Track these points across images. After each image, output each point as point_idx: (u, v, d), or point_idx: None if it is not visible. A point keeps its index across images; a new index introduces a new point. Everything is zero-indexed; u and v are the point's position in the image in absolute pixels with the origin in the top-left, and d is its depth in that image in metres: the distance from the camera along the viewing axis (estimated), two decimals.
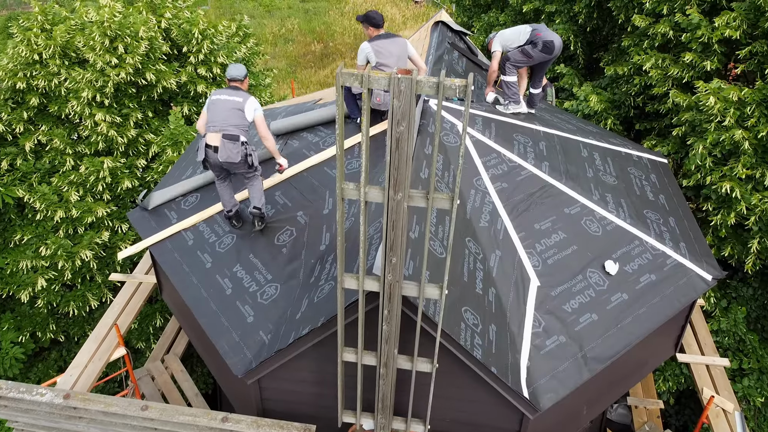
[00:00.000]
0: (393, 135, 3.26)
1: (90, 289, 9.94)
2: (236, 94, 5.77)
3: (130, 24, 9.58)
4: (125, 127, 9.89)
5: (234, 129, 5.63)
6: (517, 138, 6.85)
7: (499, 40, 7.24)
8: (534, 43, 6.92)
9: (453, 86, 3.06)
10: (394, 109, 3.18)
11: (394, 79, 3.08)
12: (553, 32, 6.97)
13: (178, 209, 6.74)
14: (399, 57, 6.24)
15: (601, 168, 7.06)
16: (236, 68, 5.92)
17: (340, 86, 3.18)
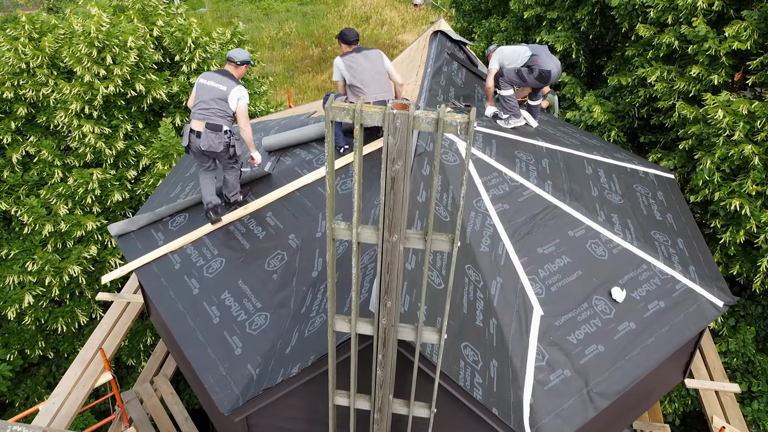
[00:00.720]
0: (388, 174, 2.99)
1: (79, 304, 9.66)
2: (224, 81, 5.74)
3: (118, 33, 9.29)
4: (114, 138, 9.60)
5: (217, 119, 5.69)
6: (519, 155, 6.57)
7: (497, 56, 6.97)
8: (530, 68, 6.67)
9: (454, 123, 2.79)
10: (389, 147, 2.90)
11: (389, 114, 2.80)
12: (552, 59, 6.71)
13: (165, 230, 6.46)
14: (374, 71, 5.98)
15: (606, 186, 6.78)
16: (237, 51, 5.98)
17: (330, 122, 2.90)
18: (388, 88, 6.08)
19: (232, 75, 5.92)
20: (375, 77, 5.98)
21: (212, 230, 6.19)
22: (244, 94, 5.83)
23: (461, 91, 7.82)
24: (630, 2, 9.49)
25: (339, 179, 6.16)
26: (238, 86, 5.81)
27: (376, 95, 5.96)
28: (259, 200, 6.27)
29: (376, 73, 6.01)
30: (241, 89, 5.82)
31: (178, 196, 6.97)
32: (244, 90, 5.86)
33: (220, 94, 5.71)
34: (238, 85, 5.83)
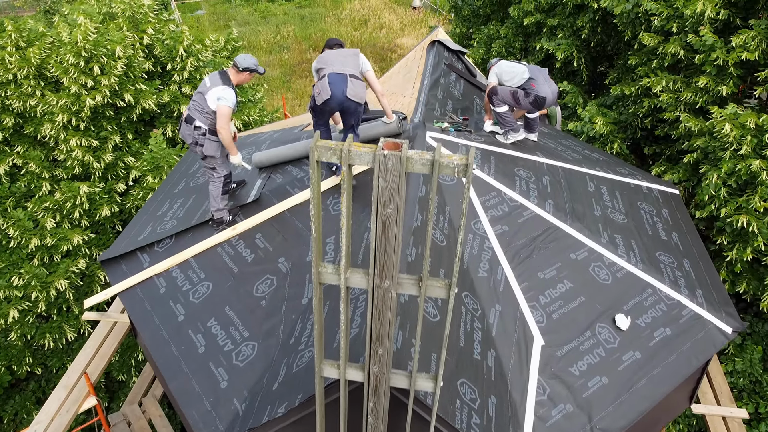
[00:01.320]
0: (378, 218, 2.74)
1: (67, 320, 9.40)
2: (213, 80, 5.67)
3: (106, 42, 9.04)
4: (103, 150, 9.35)
5: (193, 112, 5.75)
6: (519, 173, 6.32)
7: (495, 71, 6.73)
8: (526, 92, 6.43)
9: (451, 165, 2.54)
10: (380, 190, 2.65)
11: (380, 155, 2.56)
12: (549, 84, 6.46)
13: (150, 251, 6.21)
14: (344, 64, 5.59)
15: (610, 204, 6.53)
16: (243, 57, 5.81)
17: (315, 162, 2.65)
18: (354, 71, 5.56)
19: (228, 78, 5.73)
20: (340, 59, 5.61)
21: (199, 252, 5.94)
22: (226, 96, 5.61)
23: (459, 103, 7.57)
24: (633, 10, 9.24)
25: (332, 198, 5.91)
26: (224, 87, 5.62)
27: (335, 68, 5.51)
28: (248, 220, 6.02)
29: (343, 57, 5.66)
30: (226, 90, 5.61)
31: (165, 214, 6.72)
32: (230, 92, 5.64)
33: (202, 89, 5.68)
34: (225, 86, 5.63)
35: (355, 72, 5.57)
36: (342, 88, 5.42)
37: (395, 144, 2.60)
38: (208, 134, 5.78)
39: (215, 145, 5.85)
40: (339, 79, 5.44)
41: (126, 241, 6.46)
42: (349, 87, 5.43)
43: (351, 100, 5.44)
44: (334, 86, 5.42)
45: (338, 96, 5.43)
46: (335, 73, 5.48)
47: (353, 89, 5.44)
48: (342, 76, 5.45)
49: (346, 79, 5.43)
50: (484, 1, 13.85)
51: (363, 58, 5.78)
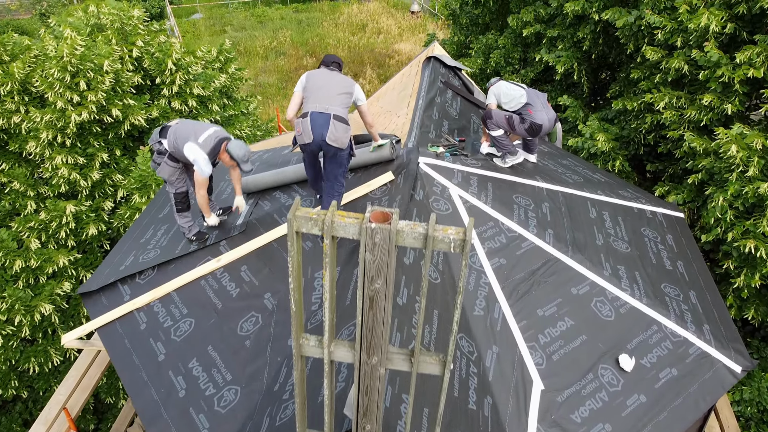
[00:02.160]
0: (365, 293, 2.46)
1: (53, 343, 9.13)
2: (203, 135, 5.44)
3: (93, 57, 8.76)
4: (90, 168, 9.08)
5: (169, 134, 5.52)
6: (517, 200, 6.05)
7: (494, 91, 6.48)
8: (522, 118, 6.16)
9: (446, 239, 2.25)
10: (367, 264, 2.37)
11: (367, 228, 2.27)
12: (547, 111, 6.20)
13: (132, 283, 5.93)
14: (332, 84, 5.26)
15: (612, 231, 6.26)
16: (236, 145, 5.51)
17: (294, 233, 2.37)
18: (340, 109, 5.22)
19: (216, 149, 5.46)
20: (329, 91, 5.29)
21: (182, 285, 5.67)
22: (197, 157, 5.38)
23: (456, 123, 7.29)
24: (635, 23, 8.97)
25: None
26: (206, 158, 5.38)
27: (319, 105, 5.18)
28: (234, 251, 5.74)
29: (334, 87, 5.33)
30: (197, 153, 5.35)
31: (149, 242, 6.44)
32: (201, 156, 5.37)
33: (188, 129, 5.44)
34: (207, 157, 5.39)
35: (342, 110, 5.26)
36: (322, 132, 5.11)
37: (384, 214, 2.32)
38: (168, 158, 5.57)
39: (170, 170, 5.64)
40: (321, 120, 5.13)
41: (108, 271, 6.18)
42: (331, 130, 5.10)
43: (330, 144, 5.13)
44: (315, 129, 5.13)
45: (317, 140, 5.15)
46: (318, 112, 5.17)
47: (335, 133, 5.11)
48: (325, 116, 5.14)
49: (328, 120, 5.12)
50: (483, 9, 13.57)
51: (358, 90, 5.48)
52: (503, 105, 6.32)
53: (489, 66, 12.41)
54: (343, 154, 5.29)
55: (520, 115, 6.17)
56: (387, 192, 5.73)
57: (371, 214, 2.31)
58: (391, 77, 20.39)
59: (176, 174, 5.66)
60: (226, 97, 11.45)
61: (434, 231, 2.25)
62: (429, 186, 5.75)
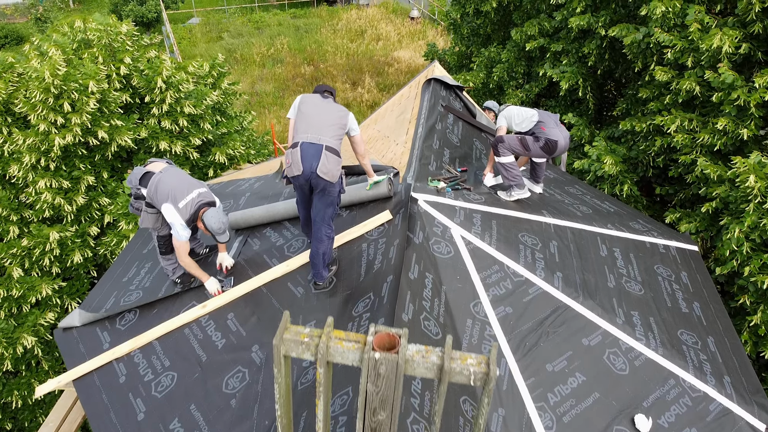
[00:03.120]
0: (366, 424, 2.08)
1: (36, 375, 8.75)
2: (183, 198, 5.07)
3: (78, 77, 8.38)
4: (75, 192, 8.70)
5: (150, 185, 5.17)
6: (524, 239, 5.67)
7: (505, 113, 6.18)
8: (536, 137, 5.83)
9: (466, 371, 1.87)
10: (368, 395, 1.99)
11: (370, 358, 1.89)
12: (560, 129, 5.89)
13: (112, 328, 5.56)
14: (322, 129, 4.87)
15: (624, 271, 5.88)
16: (212, 215, 5.08)
17: (281, 357, 2.00)
18: (332, 140, 4.85)
19: (195, 214, 5.09)
20: (320, 121, 4.91)
21: (164, 333, 5.28)
22: (179, 232, 5.06)
23: (457, 151, 6.91)
24: (644, 40, 8.59)
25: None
26: (183, 224, 5.04)
27: (310, 134, 4.82)
28: (220, 297, 5.36)
29: (326, 115, 4.95)
30: (174, 218, 5.01)
31: (131, 281, 6.07)
32: (184, 233, 5.06)
33: (167, 184, 5.07)
34: (183, 223, 5.04)
35: (334, 141, 4.88)
36: (312, 163, 4.73)
37: (390, 337, 1.93)
38: (145, 206, 5.22)
39: (152, 218, 5.29)
40: (313, 151, 4.76)
41: (87, 314, 5.80)
42: (322, 161, 4.73)
43: (321, 177, 4.75)
44: (305, 160, 4.75)
45: (307, 172, 4.77)
46: (309, 142, 4.81)
47: (326, 165, 4.74)
48: (316, 147, 4.77)
49: (320, 152, 4.75)
50: (484, 20, 13.18)
51: (352, 120, 5.11)
52: (515, 127, 6.06)
53: (492, 80, 12.04)
54: (334, 190, 4.90)
55: (533, 134, 5.85)
56: (384, 233, 5.36)
57: (375, 338, 1.93)
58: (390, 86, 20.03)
59: (159, 221, 5.29)
60: (219, 114, 11.07)
61: (451, 361, 1.87)
62: (429, 226, 5.37)
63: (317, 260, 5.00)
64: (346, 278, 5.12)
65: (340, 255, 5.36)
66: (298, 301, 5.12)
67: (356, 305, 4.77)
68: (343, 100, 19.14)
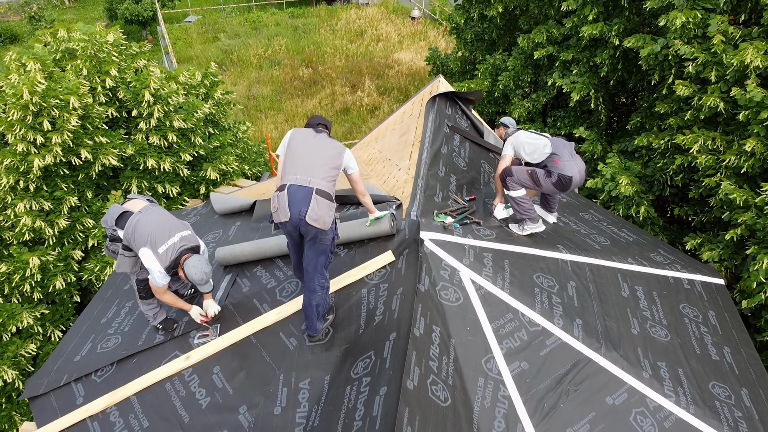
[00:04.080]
0: None
1: (18, 407, 8.26)
2: (161, 245, 4.56)
3: (59, 92, 7.86)
4: (57, 214, 8.19)
5: (127, 228, 4.66)
6: (539, 281, 5.16)
7: (513, 141, 5.62)
8: (548, 171, 5.30)
9: None
10: None
11: None
12: (576, 161, 5.36)
13: (86, 381, 5.06)
14: (312, 168, 4.37)
15: (648, 314, 5.38)
16: (193, 263, 4.56)
17: None
18: (324, 183, 4.34)
19: (175, 263, 4.61)
20: (311, 156, 4.42)
21: (143, 388, 4.79)
22: (156, 278, 4.61)
23: (464, 176, 6.40)
24: (661, 52, 8.07)
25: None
26: (161, 272, 4.56)
27: (299, 175, 4.33)
28: (206, 347, 4.86)
29: (318, 153, 4.46)
30: (152, 264, 4.53)
31: (111, 323, 5.58)
32: (156, 268, 4.56)
33: (141, 232, 4.58)
34: (154, 255, 4.54)
35: (326, 184, 4.38)
36: (300, 209, 4.23)
37: None
38: (122, 249, 4.73)
39: (129, 262, 4.79)
40: (301, 195, 4.26)
41: (60, 362, 5.31)
42: (312, 207, 4.23)
43: (310, 225, 4.25)
44: (293, 205, 4.25)
45: (295, 219, 4.27)
46: (298, 185, 4.31)
47: (316, 211, 4.24)
48: (306, 191, 4.27)
49: (310, 195, 4.25)
50: (489, 25, 12.66)
51: (348, 157, 4.61)
52: (525, 157, 5.48)
53: (497, 89, 11.51)
54: (326, 238, 4.39)
55: (545, 168, 5.31)
56: (386, 277, 4.85)
57: None
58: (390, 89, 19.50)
59: (137, 265, 4.80)
60: (212, 125, 10.55)
61: None
62: (436, 269, 4.86)
63: (310, 312, 4.50)
64: (344, 329, 4.62)
65: (337, 301, 4.86)
66: (291, 354, 4.62)
67: (355, 365, 4.26)
68: (342, 104, 18.61)
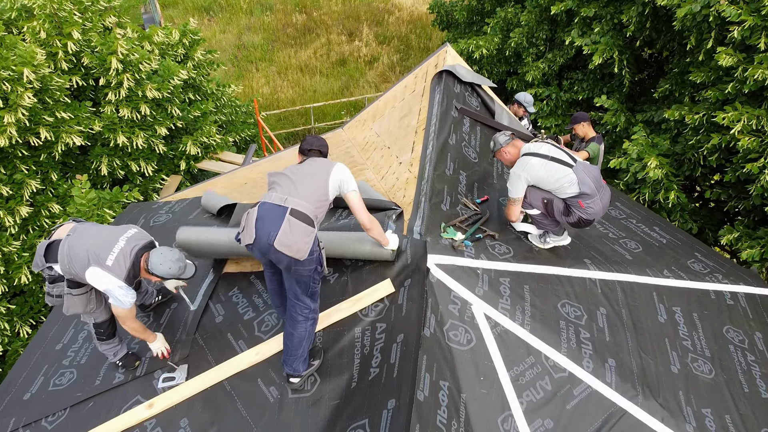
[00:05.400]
0: None
1: None
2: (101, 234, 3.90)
3: (11, 61, 6.85)
4: (17, 200, 7.33)
5: (58, 255, 3.84)
6: (565, 311, 4.37)
7: (524, 176, 4.41)
8: (569, 209, 4.37)
9: None
10: None
11: None
12: (604, 194, 4.40)
13: (36, 428, 4.35)
14: (296, 186, 3.59)
15: (689, 344, 4.62)
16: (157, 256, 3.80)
17: None
18: (304, 203, 3.54)
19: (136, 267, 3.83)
20: (294, 175, 3.66)
21: None
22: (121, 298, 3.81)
23: (475, 171, 5.51)
24: (701, 12, 7.00)
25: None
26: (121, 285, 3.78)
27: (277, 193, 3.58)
28: (171, 392, 4.13)
29: (304, 171, 3.69)
30: (108, 282, 3.75)
31: (67, 350, 4.83)
32: (127, 296, 3.82)
33: (77, 254, 3.76)
34: (104, 270, 3.74)
35: (307, 205, 3.56)
36: (269, 232, 3.42)
37: None
38: (68, 287, 3.94)
39: (80, 301, 4.00)
40: (273, 215, 3.46)
41: (9, 399, 4.59)
42: (283, 230, 3.41)
43: (280, 252, 3.44)
44: (261, 226, 3.44)
45: (262, 242, 3.46)
46: (272, 203, 3.49)
47: (288, 235, 3.42)
48: (279, 211, 3.45)
49: (282, 216, 3.44)
50: None
51: (342, 173, 3.75)
52: (539, 186, 4.49)
53: (508, 47, 10.38)
54: (303, 270, 3.59)
55: (565, 204, 4.39)
56: (384, 314, 4.06)
57: None
58: (390, 38, 18.16)
59: (92, 302, 4.03)
60: (193, 91, 9.53)
61: None
62: (444, 303, 4.06)
63: (291, 344, 3.75)
64: (334, 378, 3.87)
65: (325, 342, 4.08)
66: (271, 408, 3.88)
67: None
68: (339, 55, 17.34)
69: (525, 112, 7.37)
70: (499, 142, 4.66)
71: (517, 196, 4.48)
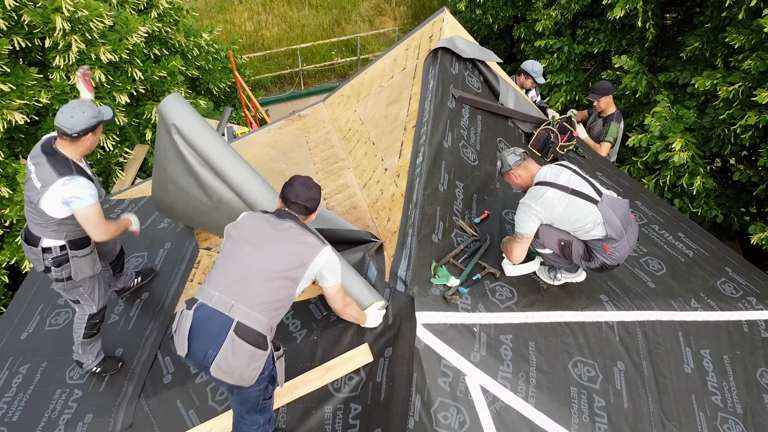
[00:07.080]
0: None
1: None
2: (42, 173, 3.31)
3: None
4: None
5: (35, 228, 3.48)
6: (577, 373, 3.68)
7: (536, 207, 3.55)
8: (590, 254, 3.53)
9: None
10: None
11: None
12: (630, 236, 3.53)
13: None
14: (260, 274, 2.74)
15: (720, 399, 3.98)
16: (72, 109, 3.31)
17: None
18: (256, 314, 2.69)
19: (65, 160, 3.34)
20: (251, 263, 2.76)
21: None
22: (77, 193, 3.31)
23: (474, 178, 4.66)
24: None
25: None
26: (65, 180, 3.29)
27: (220, 295, 2.69)
28: None
29: (267, 257, 2.78)
30: (71, 184, 3.30)
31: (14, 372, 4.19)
32: (80, 184, 3.32)
33: (31, 192, 3.38)
34: (66, 177, 3.27)
35: (259, 313, 2.71)
36: (206, 349, 2.65)
37: None
38: (71, 251, 3.55)
39: (87, 262, 3.64)
40: (212, 327, 2.66)
41: None
42: (223, 354, 2.62)
43: (218, 380, 2.71)
44: (197, 339, 2.67)
45: (197, 359, 2.71)
46: (212, 308, 2.68)
47: (229, 361, 2.63)
48: (221, 321, 2.66)
49: (225, 330, 2.64)
50: None
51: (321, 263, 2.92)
52: (557, 225, 3.64)
53: None
54: (251, 392, 2.88)
55: (587, 247, 3.58)
56: (360, 391, 3.37)
57: None
58: None
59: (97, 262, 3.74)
60: (159, 44, 8.45)
61: None
62: (432, 377, 3.36)
63: None
64: None
65: (289, 420, 3.42)
66: None
67: None
68: None
69: (533, 83, 6.40)
70: (507, 163, 3.79)
71: (526, 233, 3.67)
